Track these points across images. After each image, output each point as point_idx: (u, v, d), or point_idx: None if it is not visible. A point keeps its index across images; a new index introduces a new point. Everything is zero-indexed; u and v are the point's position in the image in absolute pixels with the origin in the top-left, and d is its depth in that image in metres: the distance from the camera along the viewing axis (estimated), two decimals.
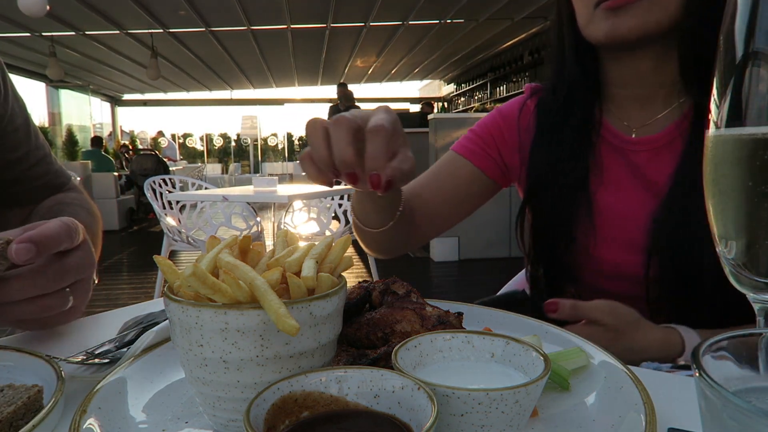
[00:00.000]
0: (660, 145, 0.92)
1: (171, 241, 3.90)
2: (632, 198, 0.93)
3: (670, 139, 0.91)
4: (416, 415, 0.38)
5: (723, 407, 0.26)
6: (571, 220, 0.95)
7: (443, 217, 1.09)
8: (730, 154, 0.36)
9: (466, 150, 1.09)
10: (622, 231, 0.93)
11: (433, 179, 1.09)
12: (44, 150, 1.04)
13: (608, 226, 0.94)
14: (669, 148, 0.90)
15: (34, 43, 10.05)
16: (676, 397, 0.52)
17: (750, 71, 0.34)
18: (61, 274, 0.63)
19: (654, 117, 0.94)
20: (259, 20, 8.94)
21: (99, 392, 0.49)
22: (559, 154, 0.97)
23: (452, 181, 1.07)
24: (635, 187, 0.93)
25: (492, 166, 1.07)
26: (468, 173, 1.07)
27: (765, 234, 0.35)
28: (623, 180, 0.95)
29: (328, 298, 0.44)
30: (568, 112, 0.98)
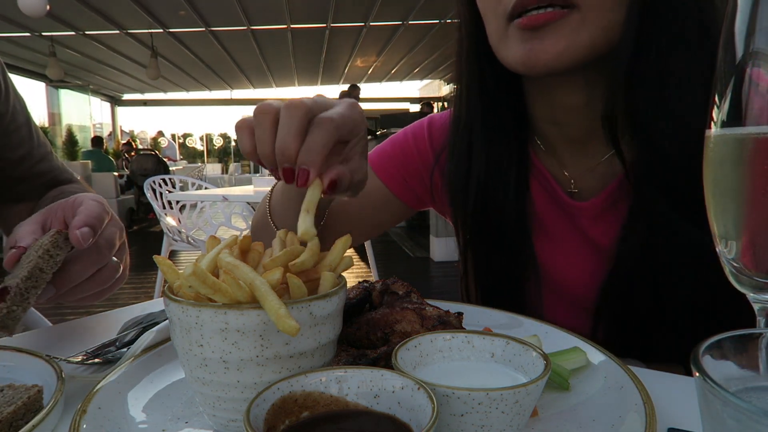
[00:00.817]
0: (603, 208, 0.77)
1: (171, 241, 3.90)
2: (577, 257, 0.81)
3: (612, 201, 0.76)
4: (416, 415, 0.38)
5: (723, 407, 0.26)
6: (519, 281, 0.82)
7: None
8: (730, 154, 0.36)
9: (383, 169, 0.93)
10: (569, 292, 0.82)
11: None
12: (46, 148, 1.05)
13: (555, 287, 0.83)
14: (613, 210, 0.76)
15: (34, 43, 10.05)
16: (676, 397, 0.52)
17: (750, 71, 0.34)
18: (109, 246, 0.68)
19: (593, 164, 0.78)
20: (259, 20, 8.94)
21: (99, 392, 0.49)
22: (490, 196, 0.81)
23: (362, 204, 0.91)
24: (580, 245, 0.81)
25: (409, 194, 0.94)
26: (380, 196, 0.93)
27: (765, 234, 0.35)
28: (566, 236, 0.82)
29: (328, 298, 0.44)
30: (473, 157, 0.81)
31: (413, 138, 0.93)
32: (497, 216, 0.80)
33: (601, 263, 0.77)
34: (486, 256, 0.85)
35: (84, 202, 0.67)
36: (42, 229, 0.67)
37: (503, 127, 0.80)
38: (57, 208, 0.70)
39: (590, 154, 0.78)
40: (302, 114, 0.49)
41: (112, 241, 0.69)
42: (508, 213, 0.80)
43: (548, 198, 0.82)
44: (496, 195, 0.80)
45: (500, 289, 0.84)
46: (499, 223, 0.81)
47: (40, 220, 0.68)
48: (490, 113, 0.79)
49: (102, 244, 0.67)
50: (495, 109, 0.79)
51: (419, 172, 0.92)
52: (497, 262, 0.83)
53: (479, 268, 0.87)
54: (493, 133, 0.80)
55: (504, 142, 0.80)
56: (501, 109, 0.79)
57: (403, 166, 0.93)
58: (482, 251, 0.85)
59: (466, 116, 0.81)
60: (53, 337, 0.73)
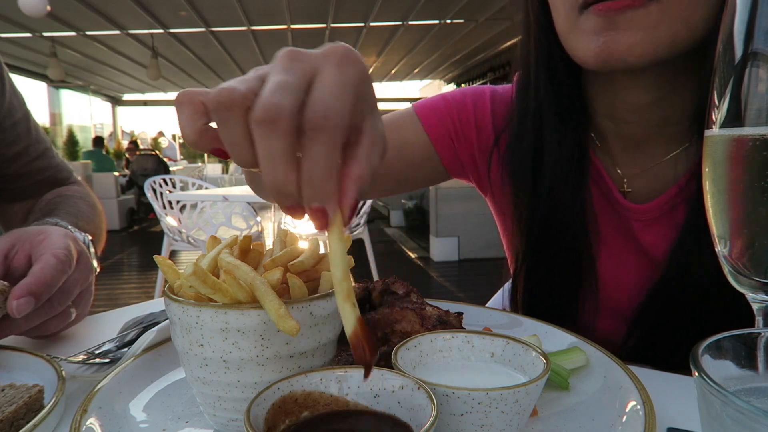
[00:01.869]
0: (659, 214, 0.73)
1: (171, 241, 3.90)
2: (624, 260, 0.77)
3: (669, 207, 0.72)
4: (416, 414, 0.38)
5: (722, 407, 0.26)
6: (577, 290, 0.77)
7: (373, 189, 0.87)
8: (729, 154, 0.36)
9: (432, 125, 0.85)
10: (609, 296, 0.78)
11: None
12: (45, 144, 1.04)
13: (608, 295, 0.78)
14: (667, 217, 0.72)
15: (35, 44, 10.05)
16: (675, 397, 0.52)
17: (749, 71, 0.34)
18: (65, 297, 0.65)
19: (651, 164, 0.74)
20: (259, 20, 8.94)
21: (99, 392, 0.49)
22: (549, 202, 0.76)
23: (399, 156, 0.84)
24: (627, 248, 0.77)
25: (454, 160, 0.87)
26: (421, 153, 0.85)
27: (764, 234, 0.35)
28: (615, 237, 0.77)
29: (328, 298, 0.44)
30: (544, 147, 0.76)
31: (473, 105, 0.86)
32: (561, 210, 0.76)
33: (648, 270, 0.74)
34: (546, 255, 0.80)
35: (42, 258, 0.63)
36: (6, 258, 0.65)
37: (571, 116, 0.75)
38: (25, 239, 0.68)
39: (646, 155, 0.74)
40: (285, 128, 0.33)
41: (70, 292, 0.66)
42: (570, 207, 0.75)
43: (601, 196, 0.78)
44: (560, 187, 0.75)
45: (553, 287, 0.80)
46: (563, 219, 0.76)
47: (5, 248, 0.66)
48: (561, 101, 0.75)
49: (55, 298, 0.64)
50: (564, 98, 0.75)
51: (471, 142, 0.85)
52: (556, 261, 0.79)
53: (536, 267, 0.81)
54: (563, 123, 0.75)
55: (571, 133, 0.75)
56: (569, 99, 0.75)
57: (455, 130, 0.85)
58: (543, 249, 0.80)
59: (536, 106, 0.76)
60: (54, 338, 0.73)
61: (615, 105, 0.73)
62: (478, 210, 5.35)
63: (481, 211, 5.39)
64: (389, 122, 0.86)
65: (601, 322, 0.79)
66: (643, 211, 0.74)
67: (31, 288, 0.60)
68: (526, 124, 0.78)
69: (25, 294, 0.59)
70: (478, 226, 5.63)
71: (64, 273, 0.64)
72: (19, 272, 0.65)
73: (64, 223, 0.81)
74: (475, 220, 5.61)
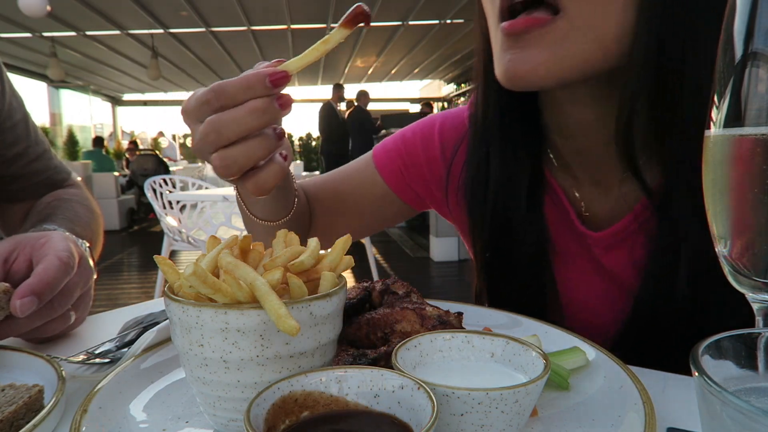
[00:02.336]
0: (615, 241, 0.72)
1: (171, 241, 3.90)
2: (591, 281, 0.76)
3: (626, 234, 0.71)
4: (416, 414, 0.38)
5: (722, 407, 0.26)
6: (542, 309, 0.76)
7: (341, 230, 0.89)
8: (729, 154, 0.36)
9: (386, 166, 0.89)
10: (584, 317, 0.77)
11: (341, 187, 0.89)
12: (43, 146, 1.03)
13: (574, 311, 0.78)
14: (626, 242, 0.71)
15: (35, 44, 10.05)
16: (675, 396, 0.52)
17: (749, 72, 0.34)
18: (66, 299, 0.66)
19: (607, 186, 0.72)
20: (259, 20, 8.95)
21: (100, 392, 0.49)
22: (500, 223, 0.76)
23: (360, 197, 0.89)
24: (594, 270, 0.75)
25: (411, 194, 0.89)
26: (380, 193, 0.89)
27: (764, 234, 0.35)
28: (580, 260, 0.76)
29: (328, 298, 0.44)
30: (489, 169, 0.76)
31: (421, 140, 0.89)
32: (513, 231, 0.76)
33: (616, 290, 0.73)
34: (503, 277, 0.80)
35: (45, 259, 0.63)
36: (5, 262, 0.66)
37: (519, 136, 0.74)
38: (26, 243, 0.68)
39: (603, 176, 0.72)
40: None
41: (70, 294, 0.66)
42: (523, 228, 0.75)
43: (560, 217, 0.77)
44: (512, 208, 0.75)
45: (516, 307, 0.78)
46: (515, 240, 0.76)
47: (5, 253, 0.66)
48: (506, 122, 0.74)
49: (56, 300, 0.64)
50: (511, 118, 0.73)
51: (424, 175, 0.88)
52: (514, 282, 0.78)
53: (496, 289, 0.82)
54: (509, 143, 0.74)
55: (519, 153, 0.74)
56: (517, 119, 0.73)
57: (406, 167, 0.89)
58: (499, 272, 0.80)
59: (483, 124, 0.76)
60: (54, 338, 0.73)
61: (561, 121, 0.71)
62: None
63: None
64: (349, 168, 0.92)
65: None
66: (598, 238, 0.73)
67: (34, 288, 0.60)
68: (474, 146, 0.78)
69: (28, 294, 0.59)
70: None
71: (67, 274, 0.64)
72: (19, 276, 0.65)
73: (61, 229, 0.81)
74: None
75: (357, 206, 0.90)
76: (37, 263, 0.65)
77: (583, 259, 0.76)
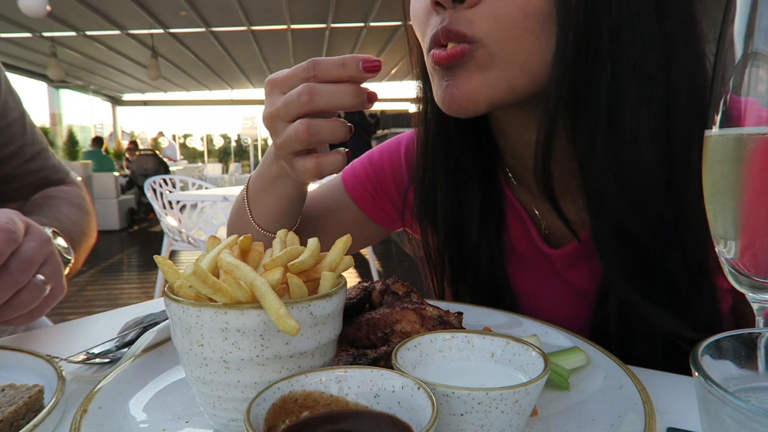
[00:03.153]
0: (575, 258, 0.73)
1: (171, 241, 3.90)
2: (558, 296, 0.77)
3: (580, 255, 0.72)
4: (416, 414, 0.38)
5: (722, 407, 0.26)
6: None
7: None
8: (729, 154, 0.36)
9: (355, 190, 0.89)
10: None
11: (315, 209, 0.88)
12: (41, 145, 1.02)
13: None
14: (587, 258, 0.71)
15: (35, 44, 10.05)
16: (675, 396, 0.52)
17: (749, 71, 0.34)
18: (26, 265, 0.62)
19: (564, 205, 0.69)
20: (259, 20, 8.95)
21: (100, 392, 0.49)
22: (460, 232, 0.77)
23: (333, 221, 0.89)
24: (559, 285, 0.76)
25: (382, 216, 0.90)
26: (352, 217, 0.90)
27: (764, 234, 0.35)
28: (546, 275, 0.77)
29: (328, 298, 0.44)
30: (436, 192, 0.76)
31: (388, 160, 0.89)
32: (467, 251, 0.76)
33: (584, 303, 0.72)
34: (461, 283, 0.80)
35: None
36: None
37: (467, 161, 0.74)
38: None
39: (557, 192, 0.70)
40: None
41: (30, 259, 0.63)
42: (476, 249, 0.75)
43: (524, 234, 0.77)
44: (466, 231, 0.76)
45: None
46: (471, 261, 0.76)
47: None
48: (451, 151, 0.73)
49: (13, 265, 0.61)
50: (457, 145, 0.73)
51: (391, 194, 0.88)
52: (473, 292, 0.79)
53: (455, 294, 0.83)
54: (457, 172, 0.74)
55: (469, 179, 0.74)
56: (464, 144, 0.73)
57: (375, 189, 0.89)
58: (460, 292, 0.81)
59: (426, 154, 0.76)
60: (54, 337, 0.73)
61: (508, 143, 0.72)
62: None
63: None
64: (319, 192, 0.92)
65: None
66: (558, 256, 0.74)
67: None
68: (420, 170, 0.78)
69: None
70: None
71: (11, 240, 0.61)
72: None
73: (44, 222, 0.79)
74: None
75: (331, 230, 0.88)
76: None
77: (549, 273, 0.77)
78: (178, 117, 36.01)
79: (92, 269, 5.97)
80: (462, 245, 0.77)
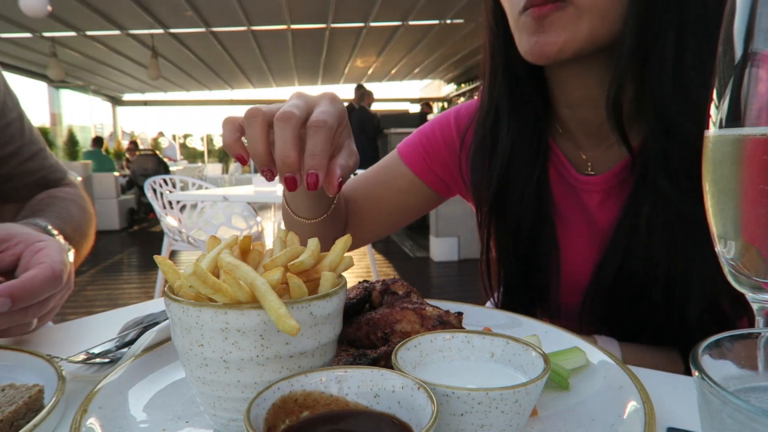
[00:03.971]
0: (609, 186, 0.81)
1: (171, 241, 3.90)
2: (584, 241, 0.84)
3: (619, 180, 0.80)
4: (416, 414, 0.38)
5: (722, 407, 0.26)
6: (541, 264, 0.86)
7: (377, 224, 1.00)
8: (729, 154, 0.36)
9: (410, 157, 0.98)
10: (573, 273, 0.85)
11: (372, 184, 0.99)
12: (39, 145, 1.02)
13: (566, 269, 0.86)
14: (618, 189, 0.80)
15: (35, 44, 10.05)
16: (675, 397, 0.52)
17: (749, 71, 0.34)
18: (39, 311, 0.63)
19: (608, 145, 0.81)
20: (259, 20, 8.94)
21: (100, 392, 0.49)
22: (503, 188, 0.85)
23: (389, 190, 0.98)
24: (586, 230, 0.85)
25: (436, 180, 0.98)
26: (408, 183, 0.98)
27: (764, 234, 0.35)
28: (575, 220, 0.85)
29: (328, 298, 0.44)
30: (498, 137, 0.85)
31: (440, 129, 0.98)
32: (517, 196, 0.84)
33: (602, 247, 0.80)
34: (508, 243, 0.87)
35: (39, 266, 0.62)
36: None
37: (528, 108, 0.84)
38: (21, 239, 0.66)
39: (604, 137, 0.81)
40: (295, 124, 0.54)
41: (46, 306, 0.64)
42: (528, 194, 0.83)
43: (561, 180, 0.86)
44: (518, 175, 0.83)
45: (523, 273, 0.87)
46: (519, 205, 0.84)
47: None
48: (516, 94, 0.83)
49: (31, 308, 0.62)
50: (521, 91, 0.83)
51: (445, 160, 0.97)
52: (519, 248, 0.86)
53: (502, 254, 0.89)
54: (519, 113, 0.84)
55: (528, 123, 0.84)
56: (527, 91, 0.83)
57: (428, 154, 0.97)
58: (504, 237, 0.88)
59: (492, 96, 0.85)
60: (54, 337, 0.73)
61: (569, 94, 0.81)
62: None
63: None
64: (377, 166, 1.02)
65: (564, 298, 0.86)
66: (598, 182, 0.82)
67: (14, 291, 0.58)
68: (482, 119, 0.87)
69: (5, 294, 0.57)
70: None
71: (54, 288, 0.63)
72: (2, 267, 0.63)
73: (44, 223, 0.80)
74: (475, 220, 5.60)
75: (388, 200, 0.98)
76: (27, 264, 0.63)
77: (578, 216, 0.85)
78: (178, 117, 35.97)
79: (92, 269, 5.97)
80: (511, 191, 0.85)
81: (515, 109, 0.83)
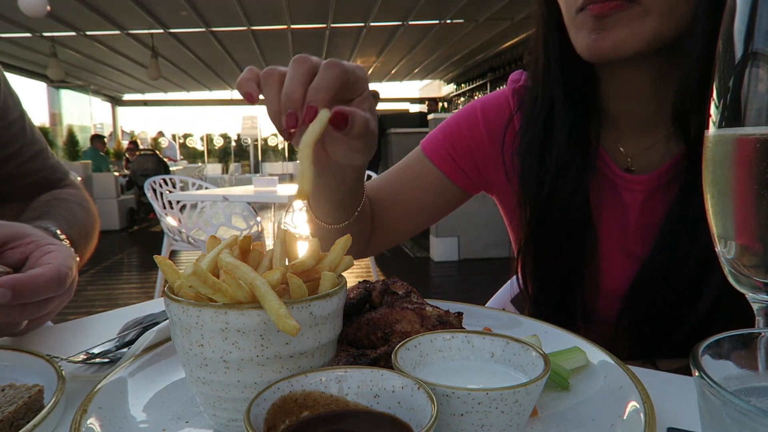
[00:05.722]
0: (655, 186, 0.79)
1: (171, 241, 3.90)
2: (623, 243, 0.82)
3: (666, 180, 0.78)
4: (416, 414, 0.38)
5: (722, 407, 0.26)
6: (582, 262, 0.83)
7: (403, 225, 0.97)
8: (729, 154, 0.36)
9: (435, 153, 0.95)
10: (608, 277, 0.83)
11: (396, 182, 0.96)
12: (40, 145, 1.02)
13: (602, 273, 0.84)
14: (664, 189, 0.78)
15: (35, 44, 10.05)
16: (675, 397, 0.52)
17: (749, 72, 0.34)
18: (36, 311, 0.62)
19: (653, 142, 0.80)
20: (259, 20, 8.95)
21: (100, 392, 0.49)
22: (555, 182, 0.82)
23: (415, 188, 0.95)
24: (625, 230, 0.83)
25: (462, 177, 0.95)
26: (434, 180, 0.95)
27: (764, 234, 0.35)
28: (614, 218, 0.83)
29: (328, 298, 0.44)
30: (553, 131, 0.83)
31: (465, 124, 0.95)
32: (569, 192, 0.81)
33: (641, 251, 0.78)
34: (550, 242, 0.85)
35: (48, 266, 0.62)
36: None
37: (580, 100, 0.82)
38: (31, 239, 0.66)
39: (650, 134, 0.80)
40: (308, 65, 0.53)
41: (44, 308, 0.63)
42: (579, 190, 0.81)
43: (600, 176, 0.83)
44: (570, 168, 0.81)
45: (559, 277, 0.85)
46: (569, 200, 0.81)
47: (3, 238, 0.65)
48: (570, 86, 0.81)
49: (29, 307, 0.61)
50: (574, 84, 0.81)
51: (471, 155, 0.94)
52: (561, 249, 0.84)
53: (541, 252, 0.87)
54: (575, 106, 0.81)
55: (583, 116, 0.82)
56: (578, 84, 0.81)
57: (454, 149, 0.94)
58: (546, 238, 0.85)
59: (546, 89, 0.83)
60: (54, 337, 0.73)
61: (621, 90, 0.80)
62: (478, 210, 5.34)
63: (481, 212, 5.38)
64: (401, 165, 0.99)
65: (600, 303, 0.84)
66: (643, 181, 0.80)
67: (16, 285, 0.57)
68: (536, 109, 0.84)
69: (6, 286, 0.56)
70: (478, 226, 5.62)
71: (56, 291, 0.62)
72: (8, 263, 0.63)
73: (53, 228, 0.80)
74: (475, 220, 5.61)
75: (413, 199, 0.95)
76: (34, 263, 0.63)
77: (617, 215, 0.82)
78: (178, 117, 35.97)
79: (92, 269, 5.97)
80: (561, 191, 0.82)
81: (571, 102, 0.81)
